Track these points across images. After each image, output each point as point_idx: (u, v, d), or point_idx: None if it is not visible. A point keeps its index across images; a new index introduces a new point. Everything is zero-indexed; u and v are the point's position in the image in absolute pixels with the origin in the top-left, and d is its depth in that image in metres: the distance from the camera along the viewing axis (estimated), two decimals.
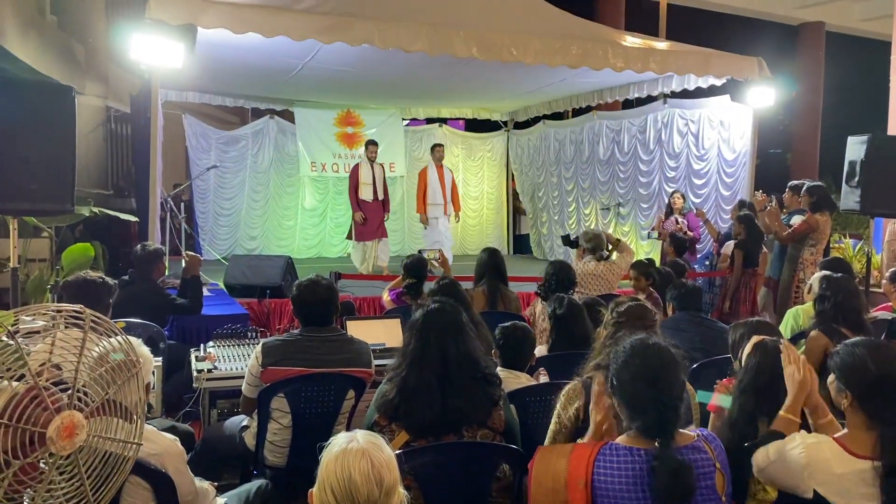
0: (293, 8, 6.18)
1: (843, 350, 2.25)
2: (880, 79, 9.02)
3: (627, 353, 2.13)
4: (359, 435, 1.67)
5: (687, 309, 4.37)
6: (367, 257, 9.05)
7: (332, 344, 3.36)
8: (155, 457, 2.28)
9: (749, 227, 6.73)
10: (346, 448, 1.62)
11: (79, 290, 3.76)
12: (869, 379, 2.13)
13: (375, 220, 9.09)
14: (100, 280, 3.92)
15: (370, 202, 9.06)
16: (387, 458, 1.64)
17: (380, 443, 1.67)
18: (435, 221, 9.54)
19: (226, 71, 8.36)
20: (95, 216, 6.55)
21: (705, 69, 7.66)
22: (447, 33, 6.48)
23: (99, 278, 3.94)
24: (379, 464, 1.61)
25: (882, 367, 2.13)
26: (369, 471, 1.59)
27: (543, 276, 5.00)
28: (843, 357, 2.23)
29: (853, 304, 3.82)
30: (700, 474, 2.02)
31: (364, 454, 1.60)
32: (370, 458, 1.60)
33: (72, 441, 1.69)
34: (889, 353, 2.18)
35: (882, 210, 6.49)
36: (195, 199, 10.66)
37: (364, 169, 9.11)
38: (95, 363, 1.81)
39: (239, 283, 6.88)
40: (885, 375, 2.12)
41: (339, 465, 1.59)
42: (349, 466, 1.58)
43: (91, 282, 3.87)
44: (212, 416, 3.95)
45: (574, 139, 11.06)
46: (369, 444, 1.64)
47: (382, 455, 1.63)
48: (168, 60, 5.83)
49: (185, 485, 2.38)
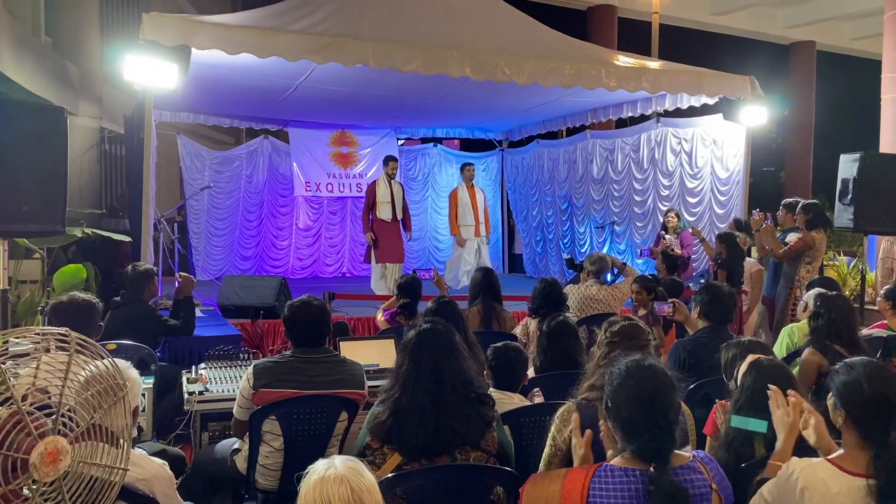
0: (287, 28, 6.21)
1: (841, 368, 2.24)
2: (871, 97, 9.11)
3: (623, 375, 2.10)
4: (337, 461, 1.65)
5: (717, 320, 4.05)
6: (386, 281, 8.62)
7: (324, 365, 3.33)
8: (143, 482, 2.25)
9: (730, 246, 6.74)
10: (324, 476, 1.60)
11: (68, 311, 3.71)
12: (864, 399, 2.13)
13: (394, 239, 8.77)
14: (89, 301, 3.88)
15: (388, 221, 8.74)
16: (367, 484, 1.62)
17: (359, 468, 1.65)
18: (463, 242, 9.35)
19: (220, 91, 8.38)
20: (88, 237, 6.52)
21: (698, 88, 7.70)
22: (441, 53, 6.51)
23: (88, 299, 3.90)
24: (359, 489, 1.59)
25: (877, 387, 2.13)
26: (349, 496, 1.57)
27: (532, 295, 4.95)
28: (840, 375, 2.23)
29: (847, 322, 3.82)
30: (696, 496, 2.00)
31: (343, 480, 1.59)
32: (349, 484, 1.58)
33: (55, 467, 1.66)
34: (886, 373, 2.18)
35: (875, 227, 6.52)
36: (189, 220, 10.63)
37: (382, 186, 8.81)
38: (81, 387, 1.79)
39: (232, 303, 6.84)
40: (878, 395, 2.12)
41: (318, 492, 1.58)
42: (328, 493, 1.57)
43: (80, 303, 3.83)
44: (203, 438, 3.89)
45: (568, 158, 11.09)
46: (348, 470, 1.62)
47: (362, 480, 1.62)
48: (162, 81, 5.84)
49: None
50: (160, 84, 5.89)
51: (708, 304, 4.10)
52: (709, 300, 4.10)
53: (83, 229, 6.29)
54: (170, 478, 2.37)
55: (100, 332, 3.80)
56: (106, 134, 9.20)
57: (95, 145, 8.99)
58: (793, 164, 16.72)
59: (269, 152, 11.19)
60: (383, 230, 8.76)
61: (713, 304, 4.09)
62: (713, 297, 4.11)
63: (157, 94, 6.20)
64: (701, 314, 4.15)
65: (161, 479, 2.32)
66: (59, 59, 8.18)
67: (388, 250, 8.74)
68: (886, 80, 8.37)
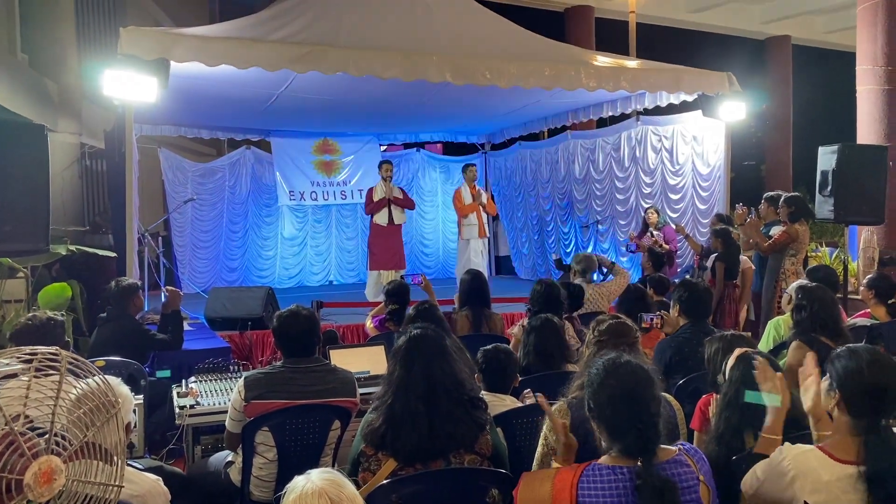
0: (266, 39, 6.20)
1: (845, 353, 2.25)
2: (847, 89, 9.21)
3: (601, 375, 2.12)
4: (313, 475, 1.66)
5: (696, 316, 4.10)
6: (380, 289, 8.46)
7: (315, 374, 3.33)
8: (137, 498, 2.24)
9: (726, 241, 6.79)
10: (302, 491, 1.61)
11: (31, 335, 3.59)
12: (862, 384, 2.15)
13: (390, 246, 8.69)
14: (47, 319, 3.78)
15: (384, 227, 8.68)
16: (348, 494, 1.63)
17: (338, 479, 1.66)
18: (465, 243, 9.24)
19: (200, 103, 8.36)
20: (72, 254, 6.47)
21: (676, 86, 7.76)
22: (421, 59, 6.53)
23: (46, 317, 3.80)
24: (338, 499, 1.60)
25: (878, 375, 2.15)
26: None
27: (530, 296, 4.90)
28: (843, 360, 2.23)
29: (830, 313, 3.84)
30: (684, 488, 2.02)
31: (321, 494, 1.60)
32: (328, 496, 1.60)
33: (50, 487, 1.65)
34: (885, 362, 2.19)
35: (855, 217, 6.60)
36: (173, 233, 10.57)
37: (378, 191, 8.75)
38: (73, 405, 1.78)
39: (219, 315, 6.81)
40: (878, 384, 2.14)
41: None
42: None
43: (40, 324, 3.73)
44: (196, 452, 3.88)
45: (550, 159, 11.14)
46: (325, 483, 1.63)
47: (342, 491, 1.63)
48: (142, 95, 5.82)
49: None
50: (140, 98, 5.87)
51: (687, 302, 4.15)
52: (687, 297, 4.15)
53: (67, 246, 6.24)
54: (165, 493, 2.37)
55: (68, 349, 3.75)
56: (86, 150, 9.13)
57: (76, 161, 8.93)
58: (773, 158, 16.88)
59: (251, 162, 11.15)
60: (379, 236, 8.72)
61: (692, 301, 4.14)
62: (691, 293, 4.16)
63: (138, 107, 6.18)
64: (681, 311, 4.19)
65: (156, 495, 2.32)
66: (37, 76, 8.13)
67: (383, 258, 8.67)
68: (861, 71, 8.48)
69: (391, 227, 8.73)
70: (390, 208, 8.68)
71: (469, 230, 9.23)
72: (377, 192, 8.78)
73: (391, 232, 8.74)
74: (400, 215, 8.82)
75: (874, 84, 8.18)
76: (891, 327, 4.72)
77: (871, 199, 6.44)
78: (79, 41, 9.56)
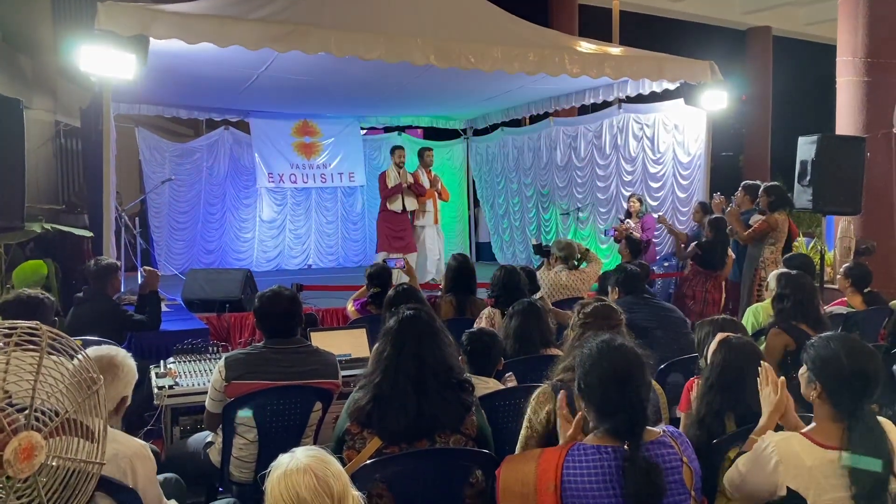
0: (247, 17, 6.11)
1: (818, 343, 2.28)
2: (826, 80, 9.28)
3: (594, 356, 2.13)
4: (298, 452, 1.66)
5: (632, 292, 4.53)
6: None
7: (297, 356, 3.30)
8: (125, 459, 2.20)
9: (718, 231, 6.85)
10: (287, 468, 1.61)
11: (19, 309, 3.57)
12: (841, 372, 2.17)
13: (400, 232, 8.60)
14: (41, 297, 3.76)
15: (399, 213, 8.61)
16: (333, 470, 1.63)
17: (322, 456, 1.66)
18: (420, 230, 9.10)
19: (179, 82, 8.23)
20: (47, 233, 6.36)
21: (659, 73, 7.78)
22: (405, 41, 6.48)
23: (41, 295, 3.78)
24: (324, 475, 1.60)
25: (854, 361, 2.17)
26: (315, 485, 1.58)
27: (491, 283, 4.88)
28: (817, 349, 2.26)
29: (811, 301, 3.89)
30: (667, 469, 2.04)
31: (307, 470, 1.60)
32: (314, 472, 1.60)
33: (30, 463, 1.62)
34: (862, 348, 2.22)
35: (833, 207, 6.66)
36: (150, 214, 10.43)
37: (391, 177, 8.62)
38: (54, 381, 1.75)
39: (197, 297, 6.74)
40: (856, 370, 2.16)
41: (284, 486, 1.58)
42: (294, 485, 1.58)
43: (33, 299, 3.72)
44: (174, 433, 3.85)
45: (532, 146, 11.13)
46: (310, 459, 1.63)
47: (328, 468, 1.63)
48: (119, 72, 5.72)
49: (151, 493, 2.30)
50: (118, 75, 5.76)
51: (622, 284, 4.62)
52: (623, 278, 4.65)
53: (42, 224, 6.14)
54: (151, 458, 2.33)
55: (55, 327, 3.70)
56: (62, 128, 8.97)
57: (51, 139, 8.77)
58: (751, 148, 17.02)
59: (230, 143, 11.02)
60: (389, 221, 8.64)
61: (626, 282, 4.61)
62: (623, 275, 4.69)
63: (115, 85, 6.06)
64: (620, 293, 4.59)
65: (143, 458, 2.28)
66: (10, 51, 7.95)
67: (388, 242, 8.55)
68: (841, 63, 8.53)
69: (403, 213, 8.69)
70: (403, 196, 8.62)
71: (426, 216, 9.09)
72: (390, 178, 8.66)
73: (402, 219, 8.71)
74: (412, 202, 8.73)
75: (853, 75, 8.24)
76: (867, 316, 4.79)
77: (848, 189, 6.50)
78: (55, 16, 9.38)
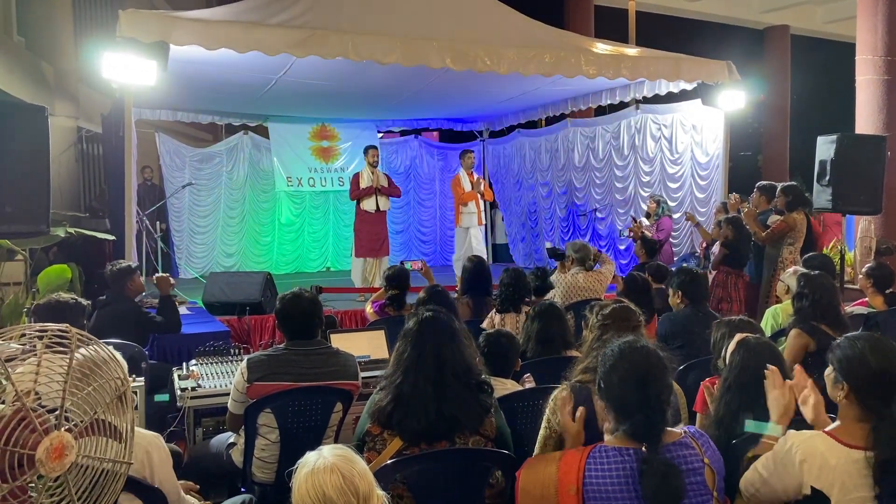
0: (266, 23, 6.17)
1: (845, 343, 2.26)
2: (846, 79, 9.21)
3: (616, 356, 2.13)
4: (325, 451, 1.68)
5: (695, 301, 4.34)
6: (366, 275, 8.48)
7: (317, 357, 3.33)
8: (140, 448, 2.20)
9: (737, 229, 6.80)
10: (314, 467, 1.63)
11: (51, 312, 3.68)
12: (868, 372, 2.15)
13: (375, 233, 8.57)
14: (73, 301, 3.84)
15: (372, 213, 8.55)
16: (359, 469, 1.65)
17: (349, 455, 1.68)
18: (465, 231, 9.09)
19: (199, 87, 8.32)
20: (70, 237, 6.46)
21: (676, 74, 7.75)
22: (421, 44, 6.51)
23: (72, 299, 3.86)
24: (350, 474, 1.62)
25: (881, 361, 2.16)
26: (342, 484, 1.60)
27: (498, 286, 4.85)
28: (843, 349, 2.24)
29: (831, 301, 3.86)
30: (689, 470, 2.03)
31: (333, 469, 1.61)
32: (340, 472, 1.61)
33: (61, 462, 1.66)
34: (888, 347, 2.20)
35: (853, 207, 6.62)
36: (170, 218, 10.56)
37: (365, 177, 8.59)
38: (83, 382, 1.79)
39: (218, 300, 6.81)
40: (883, 369, 2.14)
41: (311, 484, 1.60)
42: (321, 484, 1.59)
43: (64, 303, 3.80)
44: (197, 434, 3.90)
45: (549, 147, 11.14)
46: (337, 458, 1.65)
47: (353, 467, 1.65)
48: (141, 78, 5.80)
49: (168, 481, 2.32)
50: (139, 81, 5.84)
51: (685, 287, 4.38)
52: (687, 281, 4.39)
53: (66, 229, 6.23)
54: (166, 449, 2.35)
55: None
56: (83, 133, 9.10)
57: (73, 145, 8.91)
58: (770, 148, 16.88)
59: (249, 148, 11.13)
60: (365, 223, 8.62)
61: (690, 286, 4.37)
62: (690, 277, 4.41)
63: (136, 91, 6.15)
64: (682, 298, 4.37)
65: (157, 447, 2.30)
66: (33, 59, 8.09)
67: (367, 245, 8.56)
68: (861, 61, 8.48)
69: (378, 213, 8.63)
70: (377, 195, 8.59)
71: (468, 218, 9.13)
72: (363, 178, 8.63)
73: (377, 219, 8.65)
74: (385, 202, 8.70)
75: (874, 74, 8.19)
76: (888, 316, 4.75)
77: (868, 188, 6.46)
78: (76, 24, 9.52)
